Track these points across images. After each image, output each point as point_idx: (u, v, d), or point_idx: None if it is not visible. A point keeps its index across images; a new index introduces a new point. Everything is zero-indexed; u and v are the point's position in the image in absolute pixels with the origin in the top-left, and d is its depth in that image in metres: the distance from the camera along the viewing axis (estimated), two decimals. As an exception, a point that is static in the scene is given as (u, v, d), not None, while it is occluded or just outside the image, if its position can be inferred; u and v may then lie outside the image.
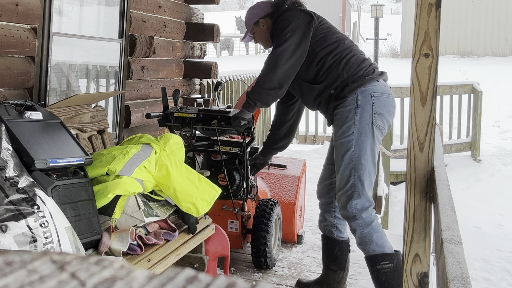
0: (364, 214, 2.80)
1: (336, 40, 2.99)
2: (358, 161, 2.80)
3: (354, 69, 2.90)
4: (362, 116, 2.81)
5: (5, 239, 1.80)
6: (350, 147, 2.82)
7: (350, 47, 3.00)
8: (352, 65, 2.91)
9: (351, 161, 2.82)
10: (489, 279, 4.49)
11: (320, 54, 2.95)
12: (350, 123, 2.82)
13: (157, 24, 4.32)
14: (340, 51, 2.95)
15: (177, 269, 0.40)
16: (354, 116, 2.82)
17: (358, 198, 2.81)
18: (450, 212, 1.68)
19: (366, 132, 2.81)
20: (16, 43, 2.83)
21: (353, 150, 2.81)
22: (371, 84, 2.86)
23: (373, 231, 2.80)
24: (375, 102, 2.82)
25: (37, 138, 2.30)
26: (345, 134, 2.84)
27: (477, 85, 8.27)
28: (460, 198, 5.79)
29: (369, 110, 2.81)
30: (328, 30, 3.01)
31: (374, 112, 2.82)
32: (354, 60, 2.93)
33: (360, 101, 2.82)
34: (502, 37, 20.07)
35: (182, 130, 3.45)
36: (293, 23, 2.92)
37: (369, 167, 2.83)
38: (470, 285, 1.21)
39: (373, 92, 2.84)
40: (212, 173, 3.41)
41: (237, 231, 3.43)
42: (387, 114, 2.87)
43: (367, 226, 2.80)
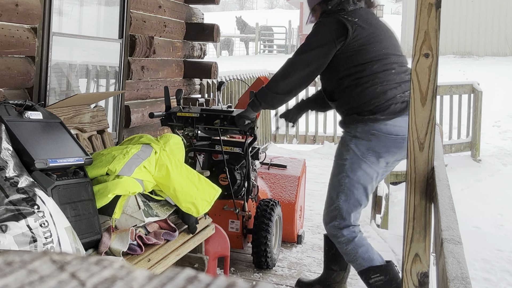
0: (345, 232, 2.86)
1: (365, 62, 2.79)
2: (347, 187, 2.83)
3: (364, 101, 2.77)
4: (357, 148, 2.80)
5: (5, 239, 1.80)
6: (342, 171, 2.84)
7: (376, 74, 2.78)
8: (364, 96, 2.77)
9: (340, 185, 2.85)
10: (489, 279, 4.49)
11: (341, 73, 2.85)
12: (347, 149, 2.83)
13: (157, 24, 4.32)
14: (360, 77, 2.80)
15: (177, 269, 0.40)
16: (350, 144, 2.82)
17: (340, 220, 2.86)
18: (450, 212, 1.68)
19: (358, 163, 2.80)
20: (16, 43, 2.83)
21: (344, 175, 2.84)
22: (377, 123, 2.76)
23: (356, 247, 2.84)
24: (373, 140, 2.77)
25: (37, 138, 2.30)
26: (341, 157, 2.87)
27: (477, 85, 8.27)
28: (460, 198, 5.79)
29: (365, 145, 2.78)
30: (361, 49, 2.79)
31: (369, 149, 2.78)
32: (369, 91, 2.77)
33: (359, 134, 2.79)
34: (502, 37, 20.06)
35: (185, 129, 3.45)
36: (322, 35, 2.82)
37: (358, 195, 2.84)
38: (470, 285, 1.21)
39: (374, 131, 2.76)
40: (213, 173, 3.41)
41: (238, 231, 3.43)
42: (385, 154, 2.79)
43: (350, 242, 2.85)
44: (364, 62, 2.80)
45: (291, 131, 8.38)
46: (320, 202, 5.31)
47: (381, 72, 2.80)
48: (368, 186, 2.86)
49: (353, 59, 2.81)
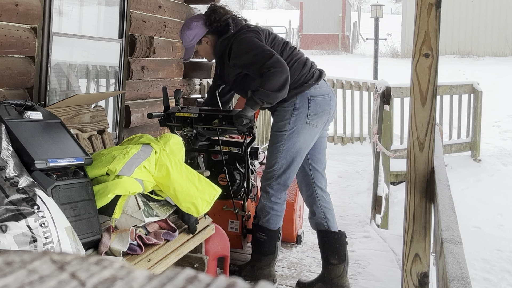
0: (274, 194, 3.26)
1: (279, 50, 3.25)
2: (284, 153, 3.23)
3: (295, 77, 3.20)
4: (297, 118, 3.20)
5: (5, 239, 1.80)
6: (281, 140, 3.23)
7: (291, 54, 3.29)
8: (293, 73, 3.19)
9: (278, 152, 3.24)
10: (489, 279, 4.49)
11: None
12: (286, 121, 3.21)
13: (157, 24, 4.32)
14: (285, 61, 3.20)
15: (177, 269, 0.40)
16: (291, 117, 3.21)
17: (275, 180, 3.25)
18: (450, 212, 1.68)
19: (298, 132, 3.21)
20: (16, 43, 2.82)
21: (282, 143, 3.23)
22: (310, 88, 3.22)
23: (272, 210, 3.27)
24: (311, 104, 3.21)
25: (37, 138, 2.30)
26: (280, 129, 3.24)
27: (477, 85, 8.27)
28: (460, 198, 5.78)
29: (305, 112, 3.21)
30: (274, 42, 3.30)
31: (309, 114, 3.21)
32: (295, 67, 3.23)
33: (298, 104, 3.20)
34: (502, 37, 20.06)
35: (183, 130, 3.45)
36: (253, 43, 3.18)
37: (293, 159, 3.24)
38: (470, 285, 1.21)
39: (310, 96, 3.22)
40: (212, 173, 3.41)
41: (238, 231, 3.43)
42: (322, 113, 3.25)
43: (271, 203, 3.26)
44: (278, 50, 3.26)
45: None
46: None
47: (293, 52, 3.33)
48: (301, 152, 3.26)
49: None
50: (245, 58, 3.21)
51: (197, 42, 3.41)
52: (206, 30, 3.38)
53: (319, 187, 3.39)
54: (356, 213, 5.32)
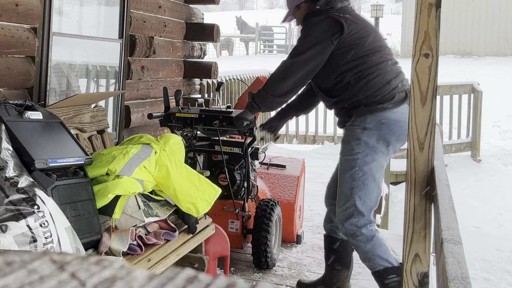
0: (364, 230, 2.82)
1: (364, 54, 2.84)
2: (360, 181, 2.80)
3: (371, 93, 2.81)
4: (368, 139, 2.80)
5: (5, 239, 1.80)
6: (354, 166, 2.81)
7: (378, 65, 2.85)
8: (370, 88, 2.81)
9: (353, 180, 2.81)
10: (489, 279, 4.49)
11: (341, 69, 2.86)
12: (357, 142, 2.81)
13: (157, 24, 4.32)
14: (363, 69, 2.84)
15: (177, 269, 0.40)
16: (361, 137, 2.81)
17: (358, 217, 2.82)
18: (450, 212, 1.68)
19: (372, 155, 2.80)
20: (16, 43, 2.82)
21: (356, 170, 2.81)
22: (385, 111, 2.80)
23: (375, 246, 2.82)
24: (383, 129, 2.79)
25: (37, 138, 2.30)
26: (351, 153, 2.83)
27: (477, 85, 8.27)
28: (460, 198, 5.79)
29: (376, 135, 2.80)
30: (358, 42, 2.84)
31: (380, 139, 2.80)
32: (375, 82, 2.82)
33: (369, 125, 2.80)
34: (502, 37, 20.06)
35: (184, 130, 3.45)
36: (316, 34, 2.83)
37: (371, 188, 2.82)
38: (470, 285, 1.21)
39: (384, 119, 2.80)
40: (212, 173, 3.41)
41: (238, 231, 3.43)
42: (395, 141, 2.84)
43: (369, 241, 2.82)
44: (363, 55, 2.83)
45: (291, 131, 8.38)
46: (320, 202, 5.30)
47: (381, 63, 2.86)
48: (380, 177, 2.86)
49: (350, 53, 2.84)
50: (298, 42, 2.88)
51: (295, 6, 3.02)
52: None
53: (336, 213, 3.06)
54: (356, 213, 5.30)
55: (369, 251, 2.82)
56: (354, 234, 2.84)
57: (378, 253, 2.81)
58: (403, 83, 2.88)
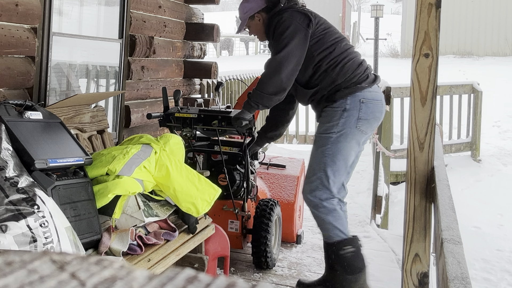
0: (325, 203, 2.97)
1: (333, 43, 3.04)
2: (330, 158, 2.96)
3: (348, 75, 2.99)
4: (347, 120, 2.95)
5: (5, 239, 1.80)
6: (327, 143, 2.97)
7: (347, 51, 3.06)
8: (347, 71, 2.99)
9: (323, 156, 2.98)
10: (489, 279, 4.49)
11: (316, 58, 3.02)
12: (334, 123, 2.97)
13: (157, 24, 4.32)
14: (336, 55, 3.02)
15: (177, 269, 0.40)
16: (340, 118, 2.96)
17: (322, 190, 2.97)
18: (450, 212, 1.68)
19: (346, 135, 2.95)
20: (16, 43, 2.82)
21: (328, 147, 2.97)
22: (363, 90, 2.97)
23: (336, 218, 2.97)
24: (362, 108, 2.95)
25: (37, 138, 2.30)
26: (326, 132, 2.99)
27: (477, 85, 8.27)
28: (460, 198, 5.79)
29: (355, 115, 2.95)
30: (325, 32, 3.05)
31: (360, 118, 2.95)
32: (349, 65, 3.01)
33: (349, 106, 2.95)
34: (502, 37, 20.06)
35: (183, 130, 3.45)
36: (292, 26, 2.96)
37: (339, 166, 2.97)
38: (470, 285, 1.21)
39: (363, 99, 2.96)
40: (212, 173, 3.41)
41: (238, 231, 3.43)
42: (372, 120, 3.00)
43: (331, 213, 2.97)
44: (332, 43, 3.04)
45: (291, 131, 8.37)
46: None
47: (349, 49, 3.08)
48: (349, 158, 2.99)
49: (322, 42, 3.03)
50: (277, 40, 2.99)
51: (249, 17, 3.18)
52: (263, 6, 3.14)
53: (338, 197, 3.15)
54: (356, 213, 5.31)
55: (329, 222, 2.97)
56: (316, 206, 2.99)
57: (337, 225, 2.96)
58: (368, 66, 3.12)
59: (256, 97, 3.03)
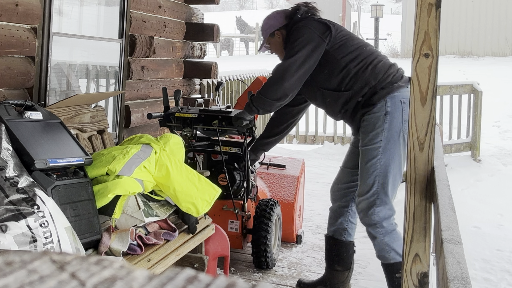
0: (385, 223, 2.81)
1: (357, 47, 2.93)
2: (383, 169, 2.78)
3: (382, 75, 2.84)
4: (391, 124, 2.77)
5: (5, 239, 1.80)
6: (377, 154, 2.79)
7: (374, 53, 2.94)
8: (379, 71, 2.85)
9: (376, 169, 2.79)
10: (489, 279, 4.49)
11: (342, 62, 2.90)
12: (379, 130, 2.78)
13: (157, 24, 4.32)
14: (364, 57, 2.90)
15: (177, 269, 0.40)
16: (383, 123, 2.78)
17: (381, 206, 2.80)
18: (450, 212, 1.68)
19: (394, 140, 2.77)
20: (16, 43, 2.82)
21: (379, 158, 2.78)
22: (400, 90, 2.81)
23: (394, 240, 2.81)
24: (405, 108, 2.75)
25: (37, 138, 2.30)
26: (373, 141, 2.80)
27: (477, 85, 8.26)
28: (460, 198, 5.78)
29: (399, 117, 2.77)
30: (347, 38, 2.95)
31: (404, 119, 2.75)
32: (381, 66, 2.87)
33: (390, 108, 2.77)
34: (502, 37, 20.06)
35: (183, 130, 3.45)
36: (306, 35, 2.89)
37: (395, 176, 2.82)
38: (470, 285, 1.21)
39: (403, 99, 2.78)
40: (212, 173, 3.41)
41: (238, 231, 3.43)
42: None
43: (388, 234, 2.81)
44: (356, 47, 2.94)
45: (291, 131, 8.37)
46: (320, 202, 5.31)
47: (375, 52, 2.99)
48: (401, 164, 2.82)
49: (345, 46, 2.92)
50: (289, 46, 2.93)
51: (270, 34, 3.12)
52: (283, 24, 3.06)
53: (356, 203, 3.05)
54: (356, 213, 5.30)
55: (386, 244, 2.81)
56: (375, 225, 2.82)
57: (394, 247, 2.80)
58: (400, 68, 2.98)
59: (257, 101, 3.01)
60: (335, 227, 3.18)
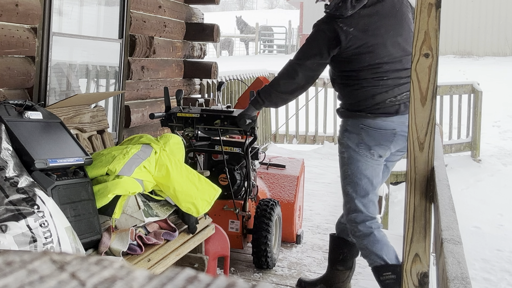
0: (361, 227, 2.90)
1: (355, 69, 2.84)
2: (350, 178, 2.91)
3: (353, 101, 2.87)
4: (349, 141, 2.88)
5: (5, 239, 1.80)
6: (344, 164, 2.94)
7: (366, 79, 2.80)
8: (353, 97, 2.87)
9: (345, 177, 2.94)
10: (489, 279, 4.49)
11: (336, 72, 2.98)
12: (342, 142, 2.94)
13: (157, 24, 4.32)
14: (350, 80, 2.88)
15: (177, 269, 0.40)
16: (343, 138, 2.91)
17: (355, 212, 2.91)
18: (450, 212, 1.68)
19: (355, 155, 2.87)
20: (16, 43, 2.82)
21: (346, 168, 2.92)
22: (366, 118, 2.81)
23: (372, 243, 2.87)
24: (362, 133, 2.82)
25: (37, 138, 2.30)
26: (340, 151, 2.97)
27: (477, 85, 8.27)
28: (460, 198, 5.78)
29: (355, 139, 2.85)
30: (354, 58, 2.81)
31: (360, 142, 2.83)
32: (357, 93, 2.84)
33: (349, 127, 2.88)
34: (502, 37, 20.06)
35: (185, 130, 3.45)
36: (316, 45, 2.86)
37: (363, 185, 2.89)
38: (470, 285, 1.21)
39: (362, 125, 2.82)
40: (213, 173, 3.41)
41: (238, 231, 3.43)
42: (376, 146, 2.82)
43: (366, 237, 2.89)
44: (355, 69, 2.85)
45: (291, 131, 8.37)
46: (320, 202, 5.31)
47: (371, 79, 2.82)
48: (370, 176, 2.88)
49: (345, 65, 2.89)
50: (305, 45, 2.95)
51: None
52: None
53: None
54: (356, 213, 5.30)
55: (365, 247, 2.90)
56: (352, 230, 2.94)
57: (373, 250, 2.87)
58: (396, 98, 2.80)
59: (265, 93, 3.03)
60: (343, 226, 3.18)
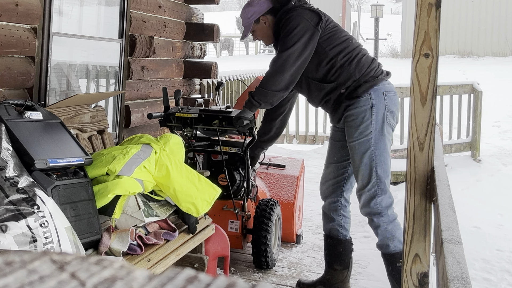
0: (389, 211, 2.91)
1: (344, 39, 3.00)
2: (378, 159, 2.88)
3: (366, 69, 2.95)
4: (377, 115, 2.88)
5: (5, 239, 1.80)
6: (370, 146, 2.88)
7: (359, 47, 3.03)
8: (363, 65, 2.95)
9: (371, 160, 2.89)
10: (489, 279, 4.49)
11: (330, 54, 2.96)
12: (368, 122, 2.89)
13: (157, 24, 4.32)
14: (350, 51, 2.98)
15: (177, 269, 0.40)
16: (371, 115, 2.88)
17: (382, 195, 2.90)
18: (450, 212, 1.68)
19: (382, 130, 2.89)
20: (16, 43, 2.82)
21: (372, 149, 2.88)
22: (382, 83, 2.93)
23: (396, 228, 2.89)
24: (387, 100, 2.90)
25: (37, 138, 2.30)
26: (363, 134, 2.89)
27: (477, 85, 8.26)
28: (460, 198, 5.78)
29: (383, 108, 2.89)
30: (336, 29, 3.02)
31: (387, 110, 2.90)
32: (364, 60, 2.98)
33: (375, 101, 2.89)
34: (502, 37, 20.06)
35: (184, 130, 3.45)
36: (301, 24, 2.91)
37: (387, 164, 2.94)
38: (470, 285, 1.21)
39: (385, 91, 2.92)
40: (212, 173, 3.41)
41: (238, 231, 3.43)
42: (396, 111, 2.97)
43: (391, 222, 2.89)
44: (343, 39, 3.00)
45: (291, 131, 8.37)
46: (320, 202, 5.30)
47: (359, 45, 3.06)
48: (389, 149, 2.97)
49: (334, 38, 2.98)
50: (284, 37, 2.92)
51: (255, 20, 3.11)
52: (269, 8, 3.08)
53: (345, 197, 3.20)
54: (356, 213, 5.30)
55: (390, 232, 2.88)
56: (379, 214, 2.89)
57: (397, 235, 2.86)
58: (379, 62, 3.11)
59: (258, 95, 2.99)
60: (330, 225, 3.22)
